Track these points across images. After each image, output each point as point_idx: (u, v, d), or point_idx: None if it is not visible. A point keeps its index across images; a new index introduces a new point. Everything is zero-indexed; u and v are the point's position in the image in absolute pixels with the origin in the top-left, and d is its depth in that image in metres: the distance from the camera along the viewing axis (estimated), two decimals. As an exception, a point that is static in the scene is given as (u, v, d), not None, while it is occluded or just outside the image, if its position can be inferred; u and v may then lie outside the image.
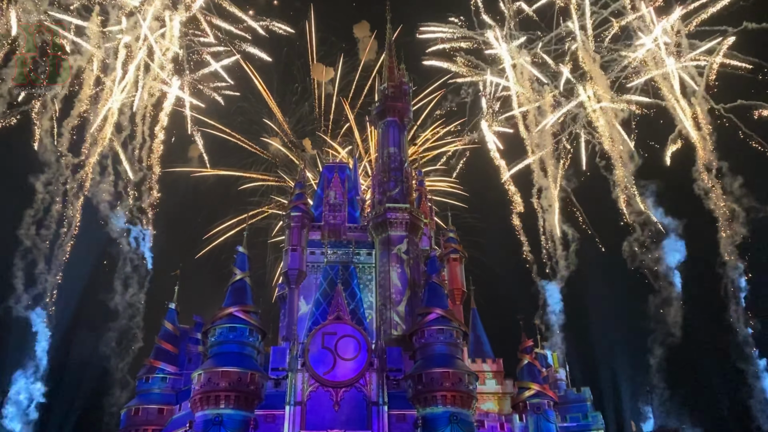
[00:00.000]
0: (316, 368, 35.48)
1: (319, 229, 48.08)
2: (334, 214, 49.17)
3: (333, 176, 51.04)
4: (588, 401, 43.06)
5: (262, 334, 37.19)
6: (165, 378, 39.49)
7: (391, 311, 44.23)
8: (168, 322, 41.85)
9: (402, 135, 51.78)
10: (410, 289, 45.16)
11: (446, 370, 35.31)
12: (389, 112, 51.86)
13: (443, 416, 34.37)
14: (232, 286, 37.75)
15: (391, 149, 50.60)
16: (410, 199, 48.92)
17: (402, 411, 35.26)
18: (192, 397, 34.29)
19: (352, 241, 47.35)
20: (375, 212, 48.00)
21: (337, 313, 37.86)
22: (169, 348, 40.51)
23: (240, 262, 39.07)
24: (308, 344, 36.32)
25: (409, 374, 36.45)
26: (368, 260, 47.30)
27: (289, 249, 46.05)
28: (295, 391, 35.05)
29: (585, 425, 41.86)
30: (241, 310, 36.12)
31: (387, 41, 56.84)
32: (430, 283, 40.26)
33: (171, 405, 38.61)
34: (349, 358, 36.02)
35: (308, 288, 45.15)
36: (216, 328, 35.95)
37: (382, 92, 53.17)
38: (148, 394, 39.16)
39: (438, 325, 37.41)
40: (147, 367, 40.07)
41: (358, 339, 36.70)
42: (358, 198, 51.39)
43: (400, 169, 49.65)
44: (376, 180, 50.35)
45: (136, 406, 38.47)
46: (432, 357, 36.45)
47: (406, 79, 53.98)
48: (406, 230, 46.90)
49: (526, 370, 40.65)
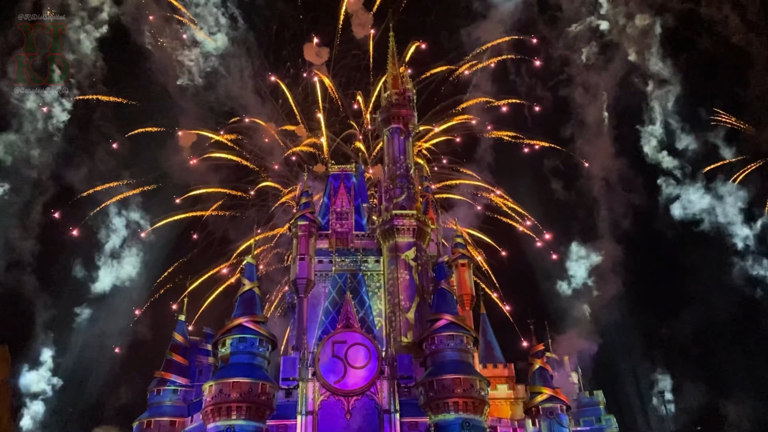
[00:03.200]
0: (326, 377, 35.44)
1: (326, 238, 48.11)
2: (341, 222, 49.23)
3: (339, 184, 51.13)
4: (601, 404, 42.79)
5: (272, 344, 37.20)
6: (176, 390, 39.48)
7: (400, 318, 44.12)
8: (178, 334, 41.89)
9: (407, 141, 51.81)
10: (419, 295, 45.07)
11: (458, 377, 35.17)
12: (394, 119, 51.96)
13: (455, 423, 34.22)
14: (241, 296, 37.79)
15: (396, 156, 50.68)
16: (417, 205, 48.92)
17: (414, 418, 35.13)
18: (204, 409, 34.29)
19: (359, 248, 47.36)
20: (382, 219, 48.02)
21: (347, 322, 37.83)
22: (179, 360, 40.52)
23: (248, 272, 39.12)
24: (318, 353, 36.30)
25: (421, 381, 36.32)
26: (376, 267, 47.25)
27: (297, 258, 46.09)
28: (306, 401, 35.01)
29: (599, 429, 41.58)
30: (251, 320, 36.14)
31: (390, 50, 57.00)
32: (439, 289, 40.18)
33: (183, 417, 38.56)
34: (360, 366, 35.95)
35: (317, 297, 45.15)
36: (226, 339, 35.96)
37: (386, 100, 53.32)
38: (159, 406, 39.15)
39: (448, 331, 37.30)
40: (158, 380, 40.03)
41: (368, 347, 36.64)
42: (365, 205, 51.43)
43: (405, 175, 49.68)
44: (383, 187, 50.41)
45: (148, 419, 38.49)
46: (443, 363, 36.32)
47: (410, 86, 54.12)
48: (413, 236, 46.87)
49: (538, 375, 40.43)
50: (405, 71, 55.96)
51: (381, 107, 53.86)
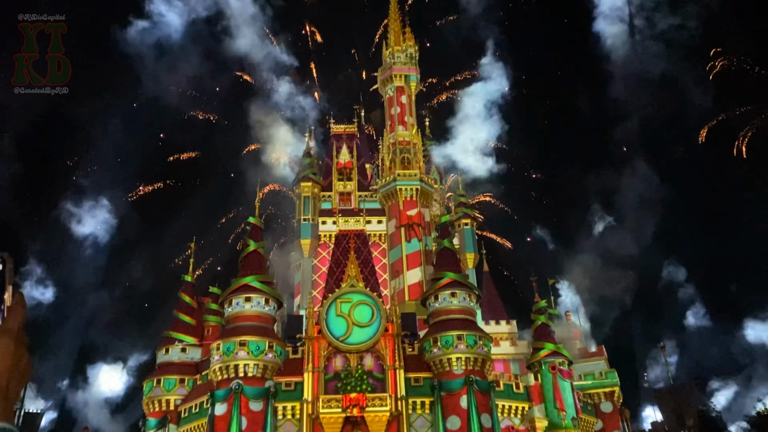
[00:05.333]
0: (332, 335, 35.99)
1: (329, 199, 48.17)
2: (344, 183, 49.16)
3: (341, 144, 50.89)
4: (603, 359, 43.42)
5: (278, 303, 37.65)
6: (185, 349, 40.13)
7: (404, 279, 44.53)
8: (185, 294, 42.35)
9: (409, 100, 51.30)
10: (423, 256, 45.36)
11: (461, 333, 35.66)
12: (395, 78, 51.32)
13: (459, 379, 34.80)
14: (246, 256, 38.07)
15: (398, 115, 50.24)
16: (420, 165, 48.78)
17: (418, 374, 35.77)
18: (212, 367, 34.95)
19: (363, 209, 47.44)
20: (385, 180, 47.94)
21: (351, 280, 38.19)
22: (187, 319, 41.07)
23: (253, 232, 39.31)
24: (324, 311, 36.76)
25: (424, 338, 36.87)
26: (380, 228, 47.44)
27: (300, 219, 46.25)
28: (312, 358, 35.63)
29: (600, 383, 42.30)
30: (256, 279, 36.51)
31: (392, 4, 55.88)
32: (442, 249, 40.40)
33: (192, 375, 39.31)
34: (365, 324, 36.44)
35: (322, 256, 45.48)
36: (232, 298, 36.40)
37: (388, 57, 52.51)
38: (168, 365, 39.84)
39: (451, 289, 37.64)
40: (166, 339, 40.67)
41: (373, 305, 37.07)
42: (368, 166, 51.29)
43: (408, 135, 49.37)
44: (385, 147, 50.16)
45: (158, 378, 39.21)
46: (446, 321, 36.78)
47: (412, 42, 53.20)
48: (416, 197, 46.88)
49: (540, 330, 40.94)
50: (408, 29, 54.90)
51: (382, 65, 53.14)
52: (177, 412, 37.72)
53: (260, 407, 33.62)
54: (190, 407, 36.98)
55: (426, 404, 34.82)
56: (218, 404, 33.67)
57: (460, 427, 33.38)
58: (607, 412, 41.62)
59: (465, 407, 33.69)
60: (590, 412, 40.88)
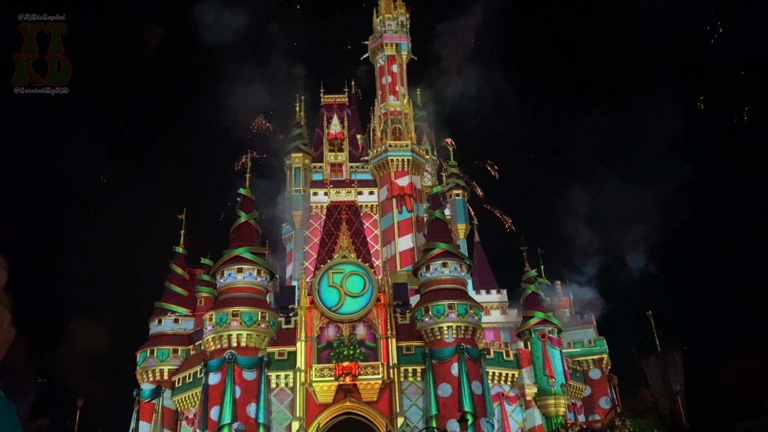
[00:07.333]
0: (325, 305, 36.22)
1: (320, 170, 47.97)
2: (336, 154, 48.89)
3: (332, 114, 50.46)
4: (592, 327, 44.05)
5: (270, 274, 37.75)
6: (177, 320, 40.27)
7: (395, 247, 44.70)
8: (176, 266, 42.33)
9: (401, 69, 50.76)
10: (414, 225, 45.46)
11: (452, 302, 35.99)
12: (386, 46, 50.68)
13: (450, 347, 35.24)
14: (238, 227, 38.02)
15: (389, 85, 49.76)
16: (411, 135, 48.53)
17: (410, 343, 36.19)
18: (205, 338, 35.18)
19: (354, 180, 47.31)
20: (376, 151, 47.72)
21: (343, 251, 38.31)
22: (179, 290, 41.14)
23: (244, 203, 39.19)
24: (316, 282, 36.94)
25: (416, 307, 37.20)
26: (371, 199, 47.40)
27: (292, 190, 46.10)
28: (305, 328, 35.91)
29: (589, 351, 42.99)
30: (248, 251, 36.54)
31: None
32: (433, 219, 40.49)
33: (185, 346, 39.53)
34: (357, 293, 36.67)
35: (313, 227, 45.49)
36: (224, 269, 36.47)
37: (379, 25, 51.67)
38: (161, 336, 40.01)
39: (442, 259, 37.86)
40: (158, 310, 40.74)
41: (365, 275, 37.27)
42: (359, 136, 50.95)
43: (399, 105, 49.00)
44: (376, 117, 49.81)
45: (151, 348, 39.38)
46: (437, 290, 37.07)
47: (403, 10, 52.32)
48: (408, 168, 46.77)
49: (531, 299, 41.37)
50: None
51: (373, 33, 52.35)
52: (171, 381, 38.05)
53: (254, 376, 33.99)
54: (184, 377, 37.33)
55: (417, 372, 35.32)
56: (212, 374, 34.01)
57: (451, 394, 33.94)
58: (596, 379, 42.42)
59: (456, 375, 34.20)
60: (579, 378, 41.63)
